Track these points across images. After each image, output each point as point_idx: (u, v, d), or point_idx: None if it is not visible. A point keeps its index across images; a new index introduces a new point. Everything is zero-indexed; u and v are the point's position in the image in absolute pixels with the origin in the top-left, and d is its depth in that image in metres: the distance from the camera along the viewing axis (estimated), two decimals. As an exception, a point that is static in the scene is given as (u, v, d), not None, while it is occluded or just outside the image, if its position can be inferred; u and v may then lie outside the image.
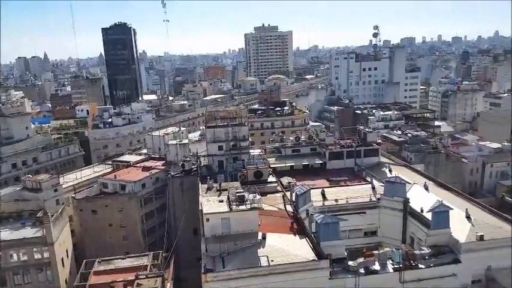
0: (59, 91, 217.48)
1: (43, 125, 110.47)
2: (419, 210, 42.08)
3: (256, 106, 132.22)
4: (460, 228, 37.96)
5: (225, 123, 61.62)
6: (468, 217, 39.91)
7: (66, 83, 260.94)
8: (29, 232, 50.44)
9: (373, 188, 50.21)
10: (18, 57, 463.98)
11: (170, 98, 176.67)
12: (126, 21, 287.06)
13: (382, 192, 47.34)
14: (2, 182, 79.55)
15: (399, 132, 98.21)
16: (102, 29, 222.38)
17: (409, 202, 44.75)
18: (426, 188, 48.91)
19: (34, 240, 48.99)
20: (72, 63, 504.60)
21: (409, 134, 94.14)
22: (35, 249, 48.95)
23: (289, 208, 44.86)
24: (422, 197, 45.81)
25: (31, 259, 48.86)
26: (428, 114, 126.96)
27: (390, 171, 58.03)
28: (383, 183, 49.15)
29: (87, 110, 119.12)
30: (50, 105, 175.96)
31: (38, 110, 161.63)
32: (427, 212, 39.64)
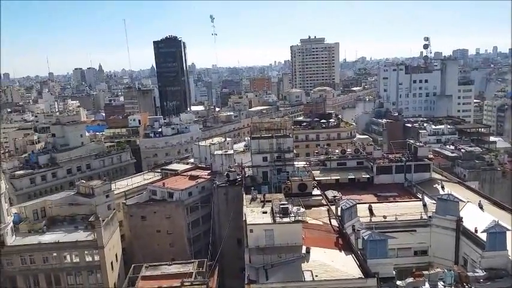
0: (112, 101, 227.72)
1: (97, 133, 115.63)
2: (473, 230, 39.94)
3: (301, 118, 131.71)
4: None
5: (270, 135, 61.82)
6: (528, 240, 37.32)
7: (120, 93, 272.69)
8: (81, 235, 52.71)
9: (424, 205, 48.30)
10: (75, 69, 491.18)
11: (217, 109, 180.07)
12: (177, 34, 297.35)
13: (434, 210, 45.41)
14: (57, 187, 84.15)
15: (452, 147, 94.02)
16: (154, 42, 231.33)
17: (462, 221, 42.59)
18: (481, 207, 46.42)
19: (86, 243, 51.12)
20: (125, 75, 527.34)
21: (462, 150, 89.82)
22: (86, 252, 51.05)
23: (335, 223, 44.03)
24: (477, 216, 43.50)
25: (82, 261, 50.97)
26: (483, 129, 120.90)
27: (442, 188, 55.67)
28: (435, 200, 47.17)
29: (139, 120, 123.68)
30: (104, 114, 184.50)
31: (93, 118, 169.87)
32: (482, 232, 37.49)
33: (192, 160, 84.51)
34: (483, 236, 37.26)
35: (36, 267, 50.32)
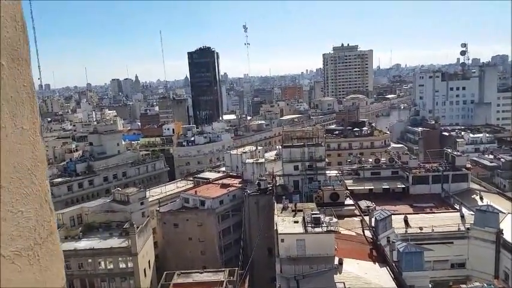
0: (148, 111, 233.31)
1: (133, 141, 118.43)
2: (515, 244, 38.13)
3: (333, 126, 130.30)
4: None
5: (302, 143, 61.51)
6: None
7: (155, 103, 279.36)
8: (115, 242, 53.93)
9: (462, 216, 46.58)
10: (113, 79, 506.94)
11: (248, 117, 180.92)
12: (210, 45, 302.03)
13: (472, 222, 43.69)
14: (94, 194, 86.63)
15: (491, 156, 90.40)
16: (188, 53, 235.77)
17: (502, 233, 40.76)
18: (524, 219, 44.23)
19: (120, 250, 52.25)
20: (160, 85, 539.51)
21: (502, 159, 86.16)
22: (120, 259, 52.17)
23: (368, 234, 43.09)
24: (520, 228, 41.44)
25: (116, 268, 52.09)
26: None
27: (481, 198, 53.53)
28: (473, 211, 45.44)
29: (173, 129, 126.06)
30: (139, 123, 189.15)
31: (129, 128, 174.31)
32: (526, 246, 35.76)
33: (223, 168, 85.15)
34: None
35: (72, 273, 51.66)
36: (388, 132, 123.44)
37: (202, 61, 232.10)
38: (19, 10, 2.35)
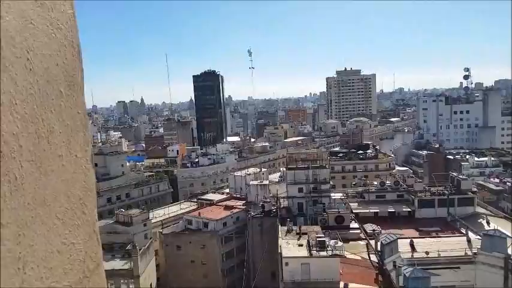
0: (152, 132, 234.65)
1: (137, 163, 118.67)
2: (524, 269, 37.38)
3: (337, 149, 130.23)
4: None
5: (306, 165, 61.33)
6: None
7: (160, 125, 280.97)
8: (118, 264, 53.33)
9: (469, 241, 45.89)
10: (118, 101, 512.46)
11: (252, 139, 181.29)
12: (215, 68, 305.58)
13: (479, 247, 42.97)
14: (97, 215, 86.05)
15: (497, 180, 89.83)
16: (193, 76, 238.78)
17: (511, 259, 40.00)
18: (532, 244, 43.48)
19: (122, 272, 51.60)
20: (165, 107, 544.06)
21: (508, 183, 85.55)
22: (122, 281, 51.47)
23: (374, 258, 42.43)
24: (528, 254, 40.74)
25: (118, 290, 51.35)
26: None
27: (488, 223, 52.81)
28: (480, 236, 44.76)
29: (177, 150, 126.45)
30: (144, 145, 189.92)
31: (133, 149, 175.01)
32: (535, 272, 35.04)
33: (227, 190, 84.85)
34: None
35: (74, 295, 50.94)
36: (392, 155, 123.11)
37: (207, 84, 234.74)
38: (76, 35, 2.35)
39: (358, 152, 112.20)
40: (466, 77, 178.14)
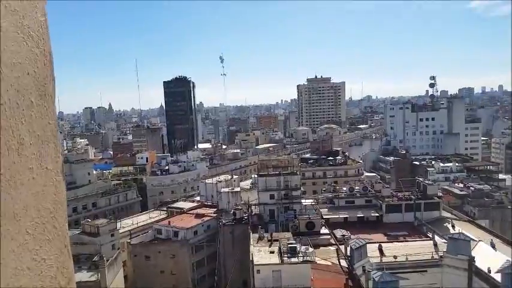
0: (121, 139, 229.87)
1: (104, 171, 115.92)
2: (486, 270, 38.72)
3: (308, 155, 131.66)
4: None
5: (277, 172, 61.63)
6: (546, 281, 36.01)
7: (128, 132, 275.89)
8: (84, 276, 51.65)
9: (435, 244, 47.20)
10: (85, 108, 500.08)
11: (224, 146, 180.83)
12: (186, 74, 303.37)
13: (445, 250, 44.28)
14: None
15: (461, 185, 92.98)
16: (164, 82, 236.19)
17: (474, 261, 41.41)
18: (493, 246, 45.18)
19: (89, 284, 49.95)
20: (134, 114, 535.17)
21: (472, 188, 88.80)
22: (89, 293, 49.88)
23: (344, 263, 42.95)
24: (489, 255, 42.26)
25: (85, 303, 49.69)
26: (491, 167, 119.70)
27: (453, 226, 54.58)
28: (445, 239, 46.15)
29: (147, 158, 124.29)
30: (111, 152, 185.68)
31: (101, 157, 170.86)
32: (496, 272, 36.36)
33: (198, 198, 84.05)
34: (497, 277, 36.08)
35: (38, 309, 49.02)
36: (361, 161, 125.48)
37: (178, 90, 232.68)
38: (48, 43, 2.29)
39: (328, 158, 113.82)
40: (431, 85, 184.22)
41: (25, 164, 2.08)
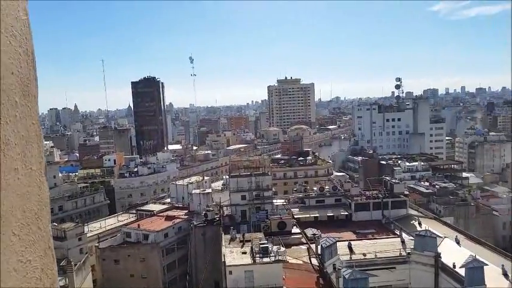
0: (87, 141, 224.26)
1: (70, 173, 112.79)
2: (451, 266, 40.09)
3: (279, 156, 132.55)
4: (497, 286, 35.73)
5: (249, 173, 61.70)
6: (505, 274, 37.66)
7: (95, 133, 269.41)
8: (51, 281, 50.10)
9: (403, 241, 48.39)
10: (50, 109, 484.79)
11: (194, 147, 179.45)
12: (155, 74, 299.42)
13: (412, 247, 45.52)
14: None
15: (427, 183, 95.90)
16: (132, 82, 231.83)
17: (440, 257, 42.80)
18: (458, 242, 46.86)
19: (56, 290, 48.52)
20: (101, 115, 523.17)
21: (437, 186, 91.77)
22: (56, 300, 48.36)
23: (315, 261, 43.43)
24: (454, 251, 43.81)
25: (52, 310, 48.14)
26: (455, 166, 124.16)
27: (419, 224, 56.15)
28: (412, 236, 47.42)
29: (114, 160, 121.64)
30: (77, 154, 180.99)
31: (66, 159, 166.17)
32: (460, 267, 37.74)
33: (168, 200, 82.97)
34: (462, 272, 37.39)
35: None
36: (330, 161, 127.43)
37: (147, 91, 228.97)
38: (30, 42, 2.25)
39: (299, 158, 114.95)
40: (397, 87, 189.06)
41: (10, 164, 2.05)
